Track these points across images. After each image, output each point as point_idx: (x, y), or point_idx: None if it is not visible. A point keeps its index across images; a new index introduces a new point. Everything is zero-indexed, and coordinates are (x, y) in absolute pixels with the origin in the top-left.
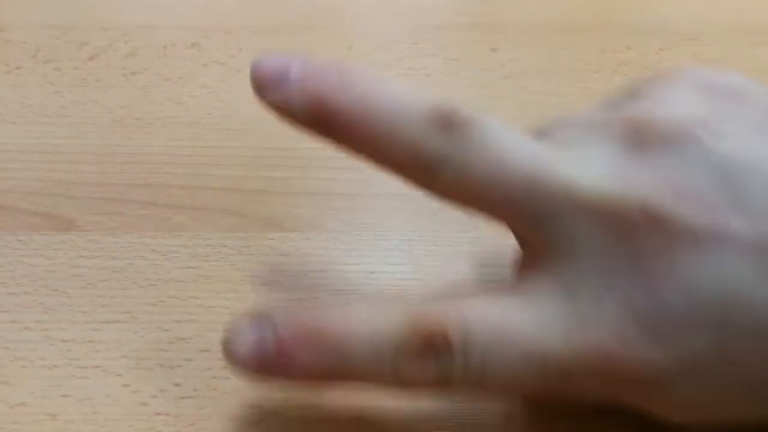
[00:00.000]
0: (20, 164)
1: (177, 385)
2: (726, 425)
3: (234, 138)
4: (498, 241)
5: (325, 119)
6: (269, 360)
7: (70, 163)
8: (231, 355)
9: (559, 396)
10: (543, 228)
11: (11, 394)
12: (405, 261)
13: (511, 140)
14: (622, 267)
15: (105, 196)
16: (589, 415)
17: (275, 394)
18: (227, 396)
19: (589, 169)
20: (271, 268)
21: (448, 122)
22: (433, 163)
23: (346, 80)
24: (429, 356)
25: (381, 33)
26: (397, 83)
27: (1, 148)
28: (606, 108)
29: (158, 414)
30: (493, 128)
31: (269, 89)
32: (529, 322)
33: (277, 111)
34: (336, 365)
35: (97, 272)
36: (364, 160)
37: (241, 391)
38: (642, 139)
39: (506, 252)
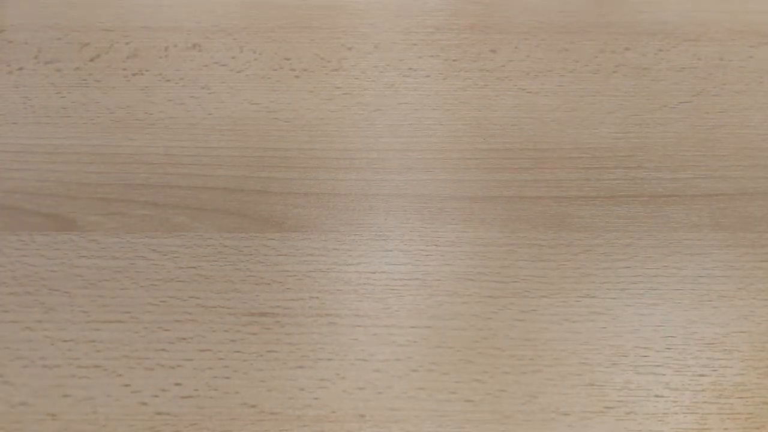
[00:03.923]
0: (21, 164)
1: (177, 384)
2: None
3: (235, 139)
4: (498, 240)
5: None
6: None
7: (71, 163)
8: None
9: None
10: None
11: (12, 393)
12: (405, 261)
13: None
14: None
15: (106, 196)
16: (587, 414)
17: (275, 394)
18: (227, 396)
19: None
20: (271, 268)
21: None
22: None
23: None
24: None
25: (381, 34)
26: None
27: (3, 148)
28: None
29: (159, 414)
30: None
31: None
32: None
33: None
34: None
35: (98, 272)
36: None
37: (241, 391)
38: None
39: (506, 251)
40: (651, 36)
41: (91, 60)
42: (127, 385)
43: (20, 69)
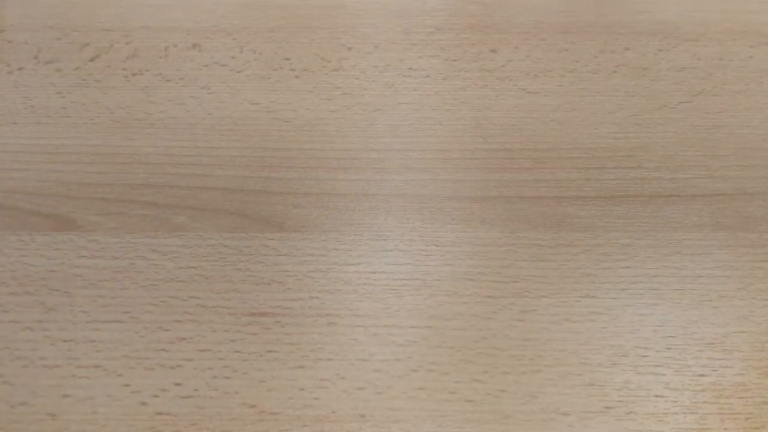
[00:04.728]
0: (21, 164)
1: (177, 385)
2: None
3: (235, 139)
4: (498, 240)
5: None
6: None
7: (71, 163)
8: None
9: None
10: None
11: (12, 393)
12: (405, 261)
13: None
14: None
15: (106, 196)
16: (587, 414)
17: (275, 394)
18: (227, 396)
19: None
20: (271, 268)
21: None
22: None
23: None
24: None
25: (381, 34)
26: None
27: (3, 148)
28: None
29: (159, 414)
30: None
31: None
32: None
33: None
34: None
35: (98, 272)
36: None
37: (241, 391)
38: None
39: (506, 251)
40: (651, 36)
41: (91, 60)
42: (127, 385)
43: (20, 69)
